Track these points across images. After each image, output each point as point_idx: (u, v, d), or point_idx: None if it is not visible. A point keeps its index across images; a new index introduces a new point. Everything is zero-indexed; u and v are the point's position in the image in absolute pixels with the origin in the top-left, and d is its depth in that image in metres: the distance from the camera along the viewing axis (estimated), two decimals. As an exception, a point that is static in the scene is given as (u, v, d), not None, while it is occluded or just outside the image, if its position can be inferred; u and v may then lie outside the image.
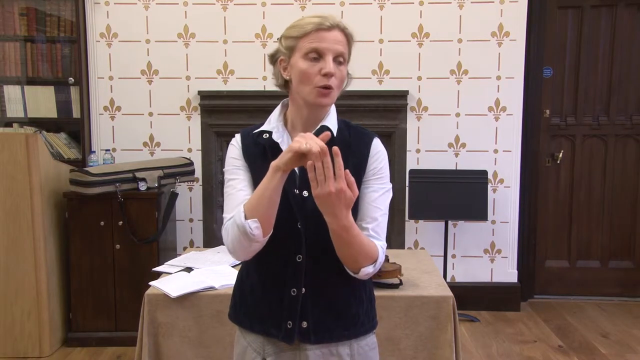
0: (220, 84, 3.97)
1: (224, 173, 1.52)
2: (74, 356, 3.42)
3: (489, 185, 3.99)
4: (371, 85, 3.95)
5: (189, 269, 2.54)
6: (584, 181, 4.29)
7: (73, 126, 3.94)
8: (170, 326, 2.28)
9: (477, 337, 3.66)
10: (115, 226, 3.45)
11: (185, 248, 3.88)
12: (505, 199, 4.05)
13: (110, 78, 3.97)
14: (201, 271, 2.50)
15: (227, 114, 3.94)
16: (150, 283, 2.40)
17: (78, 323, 3.51)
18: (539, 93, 4.13)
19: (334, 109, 1.51)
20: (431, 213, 3.88)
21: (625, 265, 4.35)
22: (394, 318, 2.25)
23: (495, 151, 4.02)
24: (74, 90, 3.86)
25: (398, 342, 2.25)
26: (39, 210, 3.31)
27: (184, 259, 2.72)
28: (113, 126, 4.00)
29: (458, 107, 3.99)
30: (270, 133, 1.48)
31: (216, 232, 4.01)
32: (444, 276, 3.75)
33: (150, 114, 3.99)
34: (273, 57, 1.51)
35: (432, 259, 2.79)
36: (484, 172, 3.89)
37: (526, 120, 4.03)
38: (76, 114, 3.88)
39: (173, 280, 2.41)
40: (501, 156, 4.02)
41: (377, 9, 3.92)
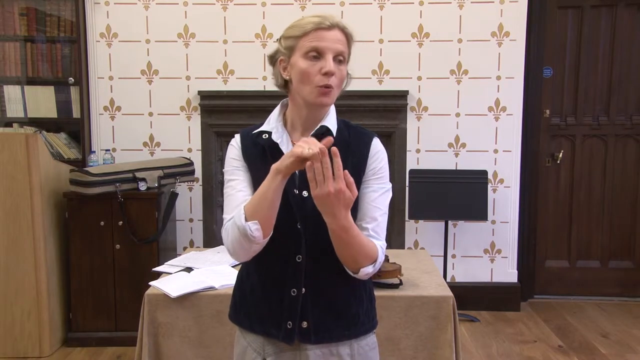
0: (220, 84, 3.97)
1: (224, 173, 1.52)
2: (74, 356, 3.42)
3: (489, 185, 3.99)
4: (371, 85, 3.95)
5: (189, 269, 2.54)
6: (584, 181, 4.29)
7: (73, 126, 3.94)
8: (170, 326, 2.28)
9: (477, 337, 3.66)
10: (115, 226, 3.45)
11: (185, 248, 3.88)
12: (505, 199, 4.05)
13: (110, 78, 3.97)
14: (201, 271, 2.50)
15: (227, 114, 3.95)
16: (150, 283, 2.40)
17: (78, 323, 3.51)
18: (539, 93, 4.13)
19: (333, 109, 1.51)
20: (431, 213, 3.87)
21: (625, 265, 4.35)
22: (394, 318, 2.25)
23: (495, 151, 4.02)
24: (74, 90, 3.86)
25: (398, 342, 2.26)
26: (39, 210, 3.31)
27: (184, 259, 2.72)
28: (113, 126, 4.00)
29: (458, 107, 3.99)
30: (269, 133, 1.48)
31: (216, 232, 4.01)
32: (444, 276, 3.75)
33: (150, 114, 3.99)
34: (272, 58, 1.51)
35: (432, 259, 2.79)
36: (484, 172, 3.89)
37: (526, 120, 4.03)
38: (76, 114, 3.88)
39: (173, 280, 2.41)
40: (501, 156, 4.02)
41: (377, 9, 3.92)
